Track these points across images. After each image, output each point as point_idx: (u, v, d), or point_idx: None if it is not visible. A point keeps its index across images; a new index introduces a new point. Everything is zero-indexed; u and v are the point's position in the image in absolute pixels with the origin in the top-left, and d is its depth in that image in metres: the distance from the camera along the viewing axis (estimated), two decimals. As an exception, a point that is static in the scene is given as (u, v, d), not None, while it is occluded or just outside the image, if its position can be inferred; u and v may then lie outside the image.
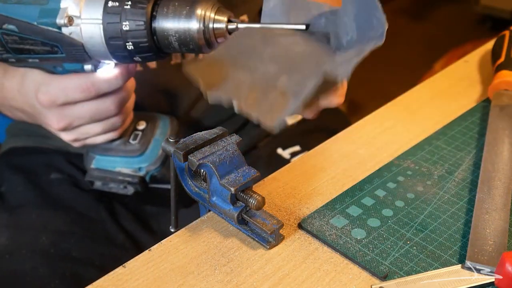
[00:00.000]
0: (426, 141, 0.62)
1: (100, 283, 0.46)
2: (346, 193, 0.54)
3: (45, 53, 0.58)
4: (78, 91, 0.61)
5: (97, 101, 0.62)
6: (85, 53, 0.57)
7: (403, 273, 0.46)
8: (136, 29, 0.55)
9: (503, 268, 0.43)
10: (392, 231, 0.50)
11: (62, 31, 0.56)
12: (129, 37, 0.55)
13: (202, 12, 0.55)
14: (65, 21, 0.55)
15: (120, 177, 0.70)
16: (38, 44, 0.57)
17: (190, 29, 0.55)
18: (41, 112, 0.63)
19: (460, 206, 0.53)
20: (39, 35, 0.56)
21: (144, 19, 0.54)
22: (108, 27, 0.55)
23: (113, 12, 0.55)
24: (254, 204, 0.46)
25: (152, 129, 0.72)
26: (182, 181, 0.51)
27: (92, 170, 0.71)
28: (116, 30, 0.55)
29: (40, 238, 0.69)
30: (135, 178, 0.70)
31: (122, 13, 0.54)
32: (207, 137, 0.49)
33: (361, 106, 2.05)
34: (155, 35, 0.56)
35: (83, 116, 0.63)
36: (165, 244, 0.49)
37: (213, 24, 0.55)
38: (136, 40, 0.55)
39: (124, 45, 0.56)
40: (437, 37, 2.64)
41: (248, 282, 0.46)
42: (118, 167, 0.70)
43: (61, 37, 0.56)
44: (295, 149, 0.85)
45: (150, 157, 0.70)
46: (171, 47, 0.56)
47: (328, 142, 0.62)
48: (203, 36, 0.55)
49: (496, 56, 0.71)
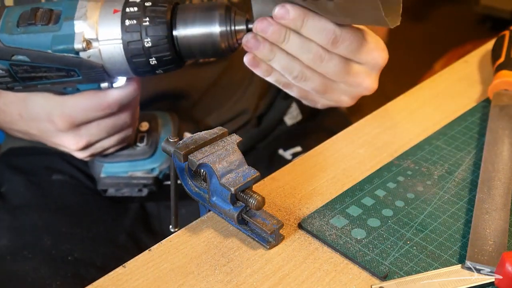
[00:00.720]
0: (426, 141, 0.62)
1: (100, 283, 0.46)
2: (346, 193, 0.54)
3: (59, 77, 0.56)
4: (99, 110, 0.60)
5: (115, 117, 0.61)
6: (105, 73, 0.56)
7: (403, 273, 0.46)
8: (159, 44, 0.54)
9: (503, 268, 0.43)
10: (392, 231, 0.50)
11: (80, 55, 0.54)
12: (152, 52, 0.54)
13: (222, 15, 0.54)
14: (83, 45, 0.53)
15: (134, 181, 0.69)
16: (53, 70, 0.55)
17: (213, 34, 0.54)
18: (54, 135, 0.62)
19: (460, 206, 0.53)
20: (54, 62, 0.55)
21: (165, 33, 0.54)
22: (130, 46, 0.54)
23: (132, 30, 0.54)
24: (254, 204, 0.46)
25: (156, 128, 0.71)
26: (182, 181, 0.51)
27: (104, 179, 0.70)
28: (138, 48, 0.54)
29: (42, 239, 0.69)
30: (150, 180, 0.69)
31: (142, 30, 0.53)
32: (207, 137, 0.49)
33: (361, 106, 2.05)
34: (177, 45, 0.55)
35: (100, 133, 0.62)
36: (165, 244, 0.49)
37: (234, 26, 0.55)
38: (159, 54, 0.54)
39: (147, 61, 0.55)
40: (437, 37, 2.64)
41: (248, 282, 0.46)
42: (130, 172, 0.69)
43: (79, 61, 0.54)
44: (296, 150, 0.85)
45: (161, 156, 0.70)
46: (192, 54, 0.56)
47: (328, 142, 0.62)
48: (226, 39, 0.55)
49: (496, 56, 0.71)
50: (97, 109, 0.60)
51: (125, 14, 0.54)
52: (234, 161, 0.48)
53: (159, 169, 0.70)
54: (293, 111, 0.90)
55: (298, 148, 0.85)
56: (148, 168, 0.69)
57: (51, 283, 0.65)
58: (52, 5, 0.55)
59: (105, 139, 0.64)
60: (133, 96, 0.61)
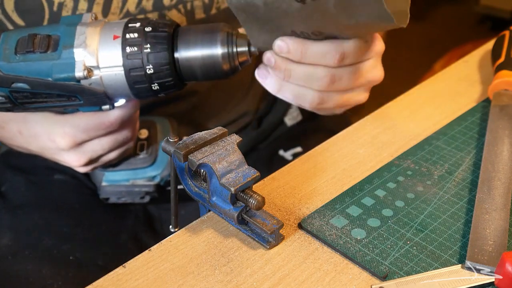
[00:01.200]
0: (426, 141, 0.62)
1: (100, 283, 0.46)
2: (346, 193, 0.54)
3: (60, 102, 0.56)
4: (101, 129, 0.60)
5: (116, 134, 0.62)
6: (106, 98, 0.56)
7: (403, 273, 0.46)
8: (161, 70, 0.54)
9: (503, 268, 0.43)
10: (392, 231, 0.50)
11: (81, 83, 0.54)
12: (154, 79, 0.54)
13: (224, 37, 0.54)
14: (84, 73, 0.53)
15: (136, 189, 0.69)
16: (54, 96, 0.55)
17: (214, 55, 0.54)
18: (56, 153, 0.62)
19: (460, 206, 0.53)
20: (55, 89, 0.54)
21: (167, 60, 0.54)
22: (131, 73, 0.54)
23: (133, 57, 0.53)
24: (254, 204, 0.46)
25: (155, 135, 0.71)
26: (182, 181, 0.51)
27: (105, 187, 0.70)
28: (140, 75, 0.54)
29: (43, 239, 0.69)
30: (151, 187, 0.69)
31: (143, 57, 0.53)
32: (207, 137, 0.49)
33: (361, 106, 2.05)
34: (178, 68, 0.55)
35: (102, 149, 0.62)
36: (165, 244, 0.49)
37: (236, 48, 0.55)
38: (161, 80, 0.54)
39: (150, 87, 0.55)
40: (437, 37, 2.64)
41: (248, 282, 0.46)
42: (131, 180, 0.69)
43: (80, 89, 0.54)
44: (297, 150, 0.85)
45: (162, 163, 0.70)
46: (194, 76, 0.56)
47: (328, 142, 0.62)
48: (227, 61, 0.55)
49: (496, 56, 0.71)
50: (98, 128, 0.60)
51: (125, 41, 0.53)
52: (234, 161, 0.48)
53: (160, 177, 0.70)
54: (293, 112, 0.90)
55: (299, 148, 0.85)
56: (150, 176, 0.69)
57: (52, 283, 0.65)
58: (50, 30, 0.55)
59: (107, 154, 0.64)
60: (134, 111, 0.61)
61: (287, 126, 0.89)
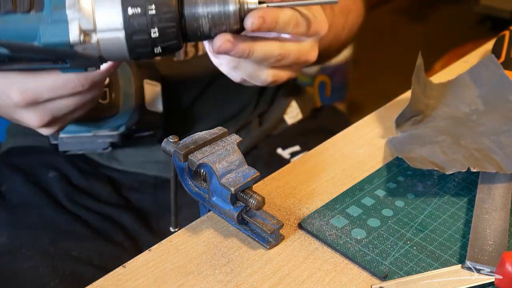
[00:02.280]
0: (426, 141, 0.62)
1: (100, 283, 0.46)
2: (346, 193, 0.54)
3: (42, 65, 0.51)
4: (69, 87, 0.54)
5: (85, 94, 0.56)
6: (99, 62, 0.51)
7: (403, 273, 0.46)
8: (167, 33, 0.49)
9: (503, 268, 0.43)
10: (392, 231, 0.50)
11: (75, 48, 0.48)
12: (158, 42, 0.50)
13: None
14: (80, 38, 0.47)
15: (99, 140, 0.65)
16: (36, 61, 0.50)
17: (227, 12, 0.51)
18: (13, 111, 0.57)
19: (460, 206, 0.53)
20: (42, 54, 0.49)
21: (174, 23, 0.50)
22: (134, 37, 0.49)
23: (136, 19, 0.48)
24: (254, 204, 0.46)
25: (116, 81, 0.65)
26: (182, 181, 0.51)
27: (64, 139, 0.64)
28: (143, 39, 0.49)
29: (40, 238, 0.69)
30: (116, 137, 0.65)
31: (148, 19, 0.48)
32: (207, 137, 0.49)
33: (361, 106, 2.05)
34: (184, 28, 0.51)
35: (66, 109, 0.57)
36: (165, 244, 0.50)
37: (247, 4, 0.52)
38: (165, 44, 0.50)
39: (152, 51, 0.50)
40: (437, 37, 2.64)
41: (248, 282, 0.46)
42: (93, 130, 0.64)
43: (73, 54, 0.49)
44: (295, 149, 0.85)
45: (127, 112, 0.65)
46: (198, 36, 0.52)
47: (328, 142, 0.62)
48: (239, 19, 0.52)
49: (496, 56, 0.71)
50: (66, 87, 0.54)
51: (127, 1, 0.48)
52: (234, 161, 0.48)
53: (126, 126, 0.65)
54: (293, 110, 0.90)
55: (297, 147, 0.85)
56: (114, 125, 0.65)
57: (49, 281, 0.65)
58: None
59: (71, 113, 0.58)
60: (106, 75, 0.56)
61: (287, 124, 0.90)
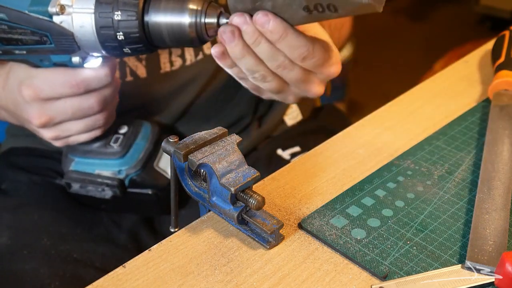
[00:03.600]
0: (426, 141, 0.62)
1: (100, 283, 0.46)
2: (346, 193, 0.54)
3: (34, 43, 0.58)
4: (66, 86, 0.60)
5: (81, 98, 0.62)
6: (74, 43, 0.57)
7: (403, 273, 0.46)
8: (128, 19, 0.55)
9: (503, 268, 0.43)
10: (392, 231, 0.50)
11: (53, 19, 0.56)
12: (120, 27, 0.55)
13: (194, 6, 0.55)
14: (56, 9, 0.55)
15: (99, 179, 0.69)
16: (28, 33, 0.57)
17: (182, 23, 0.55)
18: (22, 107, 0.63)
19: (460, 206, 0.53)
20: (30, 23, 0.56)
21: (135, 9, 0.55)
22: (100, 17, 0.55)
23: (105, 2, 0.55)
24: (254, 204, 0.46)
25: (134, 133, 0.71)
26: (182, 181, 0.51)
27: (71, 173, 0.70)
28: (107, 19, 0.55)
29: (41, 239, 0.69)
30: (114, 181, 0.69)
31: (114, 4, 0.55)
32: (207, 137, 0.49)
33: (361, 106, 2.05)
34: (147, 28, 0.56)
35: (65, 112, 0.62)
36: (165, 244, 0.50)
37: (205, 18, 0.55)
38: (127, 30, 0.55)
39: (115, 35, 0.56)
40: (437, 37, 2.64)
41: (248, 282, 0.46)
42: (97, 170, 0.70)
43: (51, 26, 0.56)
44: (295, 150, 0.85)
45: (131, 160, 0.70)
46: (162, 41, 0.57)
47: (328, 142, 0.62)
48: (194, 31, 0.55)
49: (496, 56, 0.71)
50: (64, 85, 0.60)
51: None
52: (234, 161, 0.48)
53: (125, 172, 0.70)
54: (294, 112, 0.90)
55: (297, 148, 0.85)
56: (115, 169, 0.70)
57: (49, 283, 0.65)
58: None
59: (70, 121, 0.63)
60: (103, 81, 0.61)
61: (287, 125, 0.89)
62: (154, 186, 0.72)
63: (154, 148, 0.73)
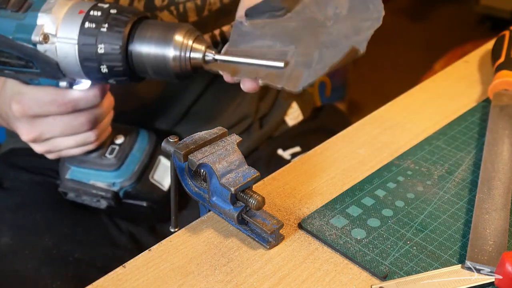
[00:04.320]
0: (426, 141, 0.62)
1: (100, 283, 0.46)
2: (346, 193, 0.54)
3: (20, 66, 0.57)
4: (54, 105, 0.60)
5: (69, 116, 0.61)
6: (59, 71, 0.56)
7: (403, 273, 0.46)
8: (111, 52, 0.54)
9: (503, 268, 0.43)
10: (392, 231, 0.50)
11: (37, 48, 0.55)
12: (103, 60, 0.54)
13: (179, 39, 0.53)
14: (40, 38, 0.54)
15: (93, 190, 0.69)
16: (13, 57, 0.57)
17: (166, 56, 0.53)
18: (12, 121, 0.63)
19: (460, 206, 0.53)
20: (15, 49, 0.56)
21: (120, 43, 0.53)
22: (83, 48, 0.54)
23: (89, 33, 0.54)
24: (254, 204, 0.46)
25: (130, 144, 0.71)
26: (182, 181, 0.51)
27: (66, 181, 0.70)
28: (91, 52, 0.54)
29: (43, 239, 0.69)
30: (108, 193, 0.69)
31: (98, 35, 0.54)
32: (207, 137, 0.49)
33: (361, 106, 2.05)
34: (131, 59, 0.54)
35: (54, 129, 0.62)
36: (165, 244, 0.50)
37: (190, 53, 0.53)
38: (110, 63, 0.54)
39: (99, 68, 0.55)
40: (437, 37, 2.64)
41: (248, 282, 0.46)
42: (92, 180, 0.69)
43: (35, 53, 0.55)
44: (295, 150, 0.85)
45: (125, 172, 0.70)
46: (146, 71, 0.55)
47: (328, 142, 0.62)
48: (178, 64, 0.53)
49: (496, 56, 0.71)
50: (52, 104, 0.60)
51: (87, 17, 0.54)
52: (234, 161, 0.48)
53: (120, 185, 0.69)
54: (294, 112, 0.90)
55: (297, 148, 0.85)
56: (110, 181, 0.69)
57: (51, 283, 0.65)
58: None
59: (59, 137, 0.63)
60: (92, 102, 0.61)
61: (288, 126, 0.89)
62: (149, 199, 0.71)
63: (150, 159, 0.72)
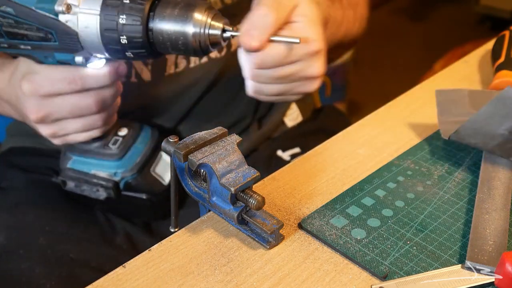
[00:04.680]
0: (426, 141, 0.62)
1: (100, 283, 0.46)
2: (346, 193, 0.54)
3: (38, 39, 0.58)
4: (65, 82, 0.61)
5: (79, 96, 0.62)
6: (78, 42, 0.57)
7: (403, 273, 0.46)
8: (132, 23, 0.55)
9: (503, 268, 0.43)
10: (392, 231, 0.50)
11: (59, 18, 0.56)
12: (124, 31, 0.56)
13: (199, 17, 0.55)
14: (63, 8, 0.56)
15: (94, 179, 0.70)
16: (33, 29, 0.58)
17: (185, 33, 0.55)
18: (21, 101, 0.63)
19: (460, 206, 0.53)
20: (36, 20, 0.57)
21: (140, 15, 0.55)
22: (105, 19, 0.56)
23: (112, 5, 0.55)
24: (254, 204, 0.46)
25: (133, 136, 0.72)
26: (182, 181, 0.51)
27: (67, 170, 0.70)
28: (112, 22, 0.55)
29: (38, 239, 0.69)
30: (109, 183, 0.69)
31: (120, 7, 0.55)
32: (207, 137, 0.49)
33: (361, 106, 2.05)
34: (151, 34, 0.56)
35: (62, 109, 0.62)
36: (165, 244, 0.50)
37: (209, 30, 0.55)
38: (131, 34, 0.56)
39: (118, 39, 0.56)
40: (437, 37, 2.65)
41: (248, 282, 0.46)
42: (93, 170, 0.70)
43: (57, 24, 0.56)
44: (295, 151, 0.85)
45: (128, 163, 0.70)
46: (164, 47, 0.57)
47: (328, 142, 0.62)
48: (198, 40, 0.55)
49: (496, 56, 0.71)
50: (63, 81, 0.61)
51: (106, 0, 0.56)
52: (234, 161, 0.48)
53: (121, 175, 0.70)
54: (293, 113, 0.90)
55: (297, 149, 0.85)
56: (112, 171, 0.70)
57: (45, 283, 0.65)
58: None
59: (67, 119, 0.64)
60: (101, 81, 0.62)
61: (287, 126, 0.89)
62: (149, 191, 0.72)
63: (152, 153, 0.73)
